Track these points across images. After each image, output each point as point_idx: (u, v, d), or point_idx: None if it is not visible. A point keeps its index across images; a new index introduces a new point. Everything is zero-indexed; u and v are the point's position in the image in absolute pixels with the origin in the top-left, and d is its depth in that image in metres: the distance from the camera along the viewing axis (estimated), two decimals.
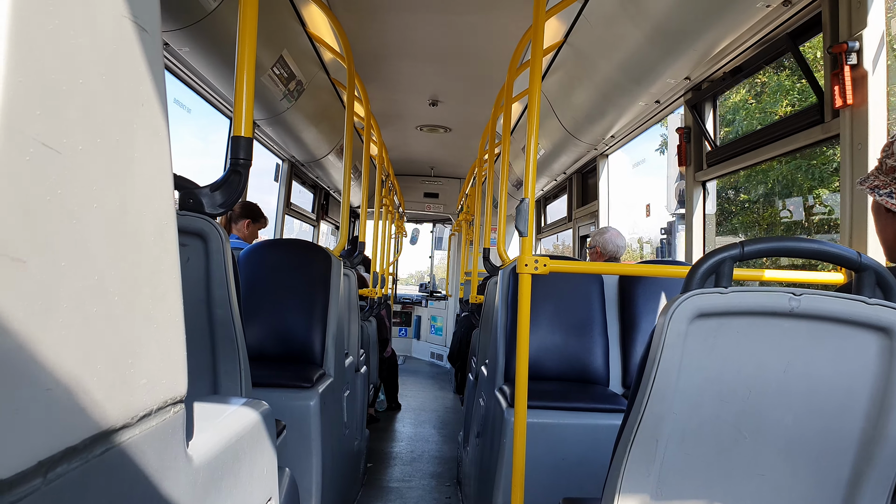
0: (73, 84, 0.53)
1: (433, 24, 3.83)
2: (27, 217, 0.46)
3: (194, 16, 2.55)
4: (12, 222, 0.45)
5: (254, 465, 1.04)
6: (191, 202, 1.52)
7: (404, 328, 10.82)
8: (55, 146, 0.50)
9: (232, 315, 1.48)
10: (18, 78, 0.46)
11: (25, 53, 0.47)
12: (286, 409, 2.30)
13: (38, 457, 0.47)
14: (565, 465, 2.27)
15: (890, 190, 1.42)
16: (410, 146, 7.43)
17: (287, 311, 2.71)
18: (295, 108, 4.14)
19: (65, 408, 0.50)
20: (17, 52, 0.45)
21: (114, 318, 0.58)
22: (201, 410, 0.96)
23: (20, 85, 0.46)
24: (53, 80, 0.50)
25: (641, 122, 4.11)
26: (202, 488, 0.80)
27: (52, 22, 0.50)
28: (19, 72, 0.46)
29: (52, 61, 0.50)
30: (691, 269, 1.16)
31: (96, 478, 0.55)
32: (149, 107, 0.66)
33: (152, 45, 0.67)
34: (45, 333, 0.48)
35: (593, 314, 2.76)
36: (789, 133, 2.55)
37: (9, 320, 0.44)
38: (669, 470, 1.15)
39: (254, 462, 1.04)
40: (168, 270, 0.71)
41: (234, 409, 1.05)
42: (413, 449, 5.00)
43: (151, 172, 0.67)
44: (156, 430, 0.66)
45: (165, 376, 0.69)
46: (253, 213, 3.78)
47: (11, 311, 0.44)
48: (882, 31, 2.04)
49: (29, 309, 0.46)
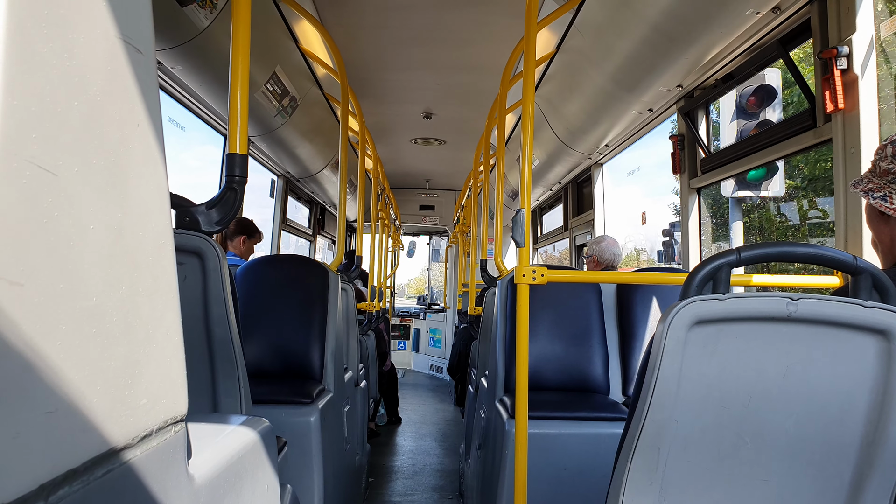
0: (69, 106, 0.53)
1: (425, 36, 3.85)
2: (24, 240, 0.46)
3: (187, 34, 2.56)
4: (9, 245, 0.45)
5: (256, 482, 1.03)
6: (187, 220, 1.52)
7: (403, 341, 10.79)
8: (51, 168, 0.50)
9: (230, 333, 1.48)
10: (13, 101, 0.46)
11: (20, 76, 0.47)
12: (286, 425, 2.29)
13: (39, 480, 0.46)
14: (567, 476, 2.26)
15: (884, 193, 1.42)
16: (405, 159, 7.45)
17: (285, 327, 2.70)
18: (289, 124, 4.15)
19: (65, 430, 0.50)
20: (11, 75, 0.46)
21: (113, 338, 0.58)
22: (202, 429, 0.96)
23: (15, 108, 0.46)
24: (49, 103, 0.51)
25: (635, 130, 4.13)
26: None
27: (46, 45, 0.50)
28: (14, 94, 0.46)
29: (47, 84, 0.50)
30: (689, 276, 1.16)
31: (98, 500, 0.55)
32: (144, 127, 0.67)
33: (146, 66, 0.67)
34: (45, 356, 0.48)
35: (592, 323, 2.76)
36: (782, 139, 2.57)
37: (8, 344, 0.44)
38: (672, 477, 1.14)
39: (256, 480, 1.03)
40: (166, 289, 0.71)
41: (235, 428, 1.05)
42: (414, 462, 4.98)
43: (148, 192, 0.67)
44: (157, 450, 0.66)
45: (166, 396, 0.68)
46: (248, 228, 3.78)
47: (10, 335, 0.44)
48: (871, 35, 2.06)
49: (27, 332, 0.46)
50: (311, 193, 6.53)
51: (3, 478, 0.43)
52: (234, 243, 3.72)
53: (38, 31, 0.49)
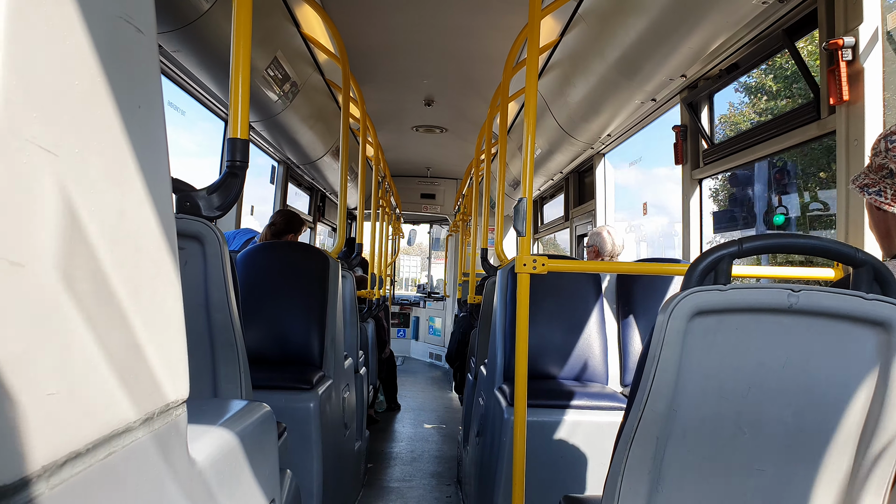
0: (70, 86, 0.53)
1: (428, 23, 3.82)
2: (25, 220, 0.46)
3: (186, 17, 2.54)
4: (10, 226, 0.44)
5: (256, 467, 1.03)
6: (188, 205, 1.52)
7: (402, 329, 10.81)
8: (52, 149, 0.50)
9: (231, 318, 1.48)
10: (14, 80, 0.45)
11: (21, 56, 0.46)
12: (286, 410, 2.29)
13: (41, 462, 0.47)
14: (565, 464, 2.27)
15: (879, 188, 1.43)
16: (406, 147, 7.42)
17: (286, 314, 2.70)
18: (290, 110, 4.13)
19: (68, 412, 0.50)
20: (12, 55, 0.45)
21: (114, 321, 0.58)
22: (203, 413, 0.96)
23: (16, 87, 0.46)
24: (49, 83, 0.50)
25: (638, 120, 4.12)
26: (205, 491, 0.80)
27: (47, 24, 0.50)
28: (15, 74, 0.46)
29: (47, 64, 0.50)
30: (690, 266, 1.16)
31: (100, 482, 0.55)
32: (146, 109, 0.66)
33: (148, 46, 0.67)
34: (47, 338, 0.48)
35: (591, 313, 2.77)
36: (786, 130, 2.55)
37: (9, 325, 0.44)
38: (670, 466, 1.15)
39: (256, 464, 1.04)
40: (167, 274, 0.71)
41: (235, 412, 1.05)
42: (413, 449, 5.00)
43: (149, 175, 0.67)
44: (158, 433, 0.66)
45: (167, 379, 0.68)
46: (295, 223, 3.65)
47: (11, 316, 0.44)
48: (877, 25, 2.04)
49: (29, 314, 0.46)
50: (312, 180, 6.51)
51: (6, 459, 0.43)
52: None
53: (37, 10, 0.49)
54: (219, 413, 1.03)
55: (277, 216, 3.69)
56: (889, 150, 1.41)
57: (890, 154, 1.40)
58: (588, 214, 5.57)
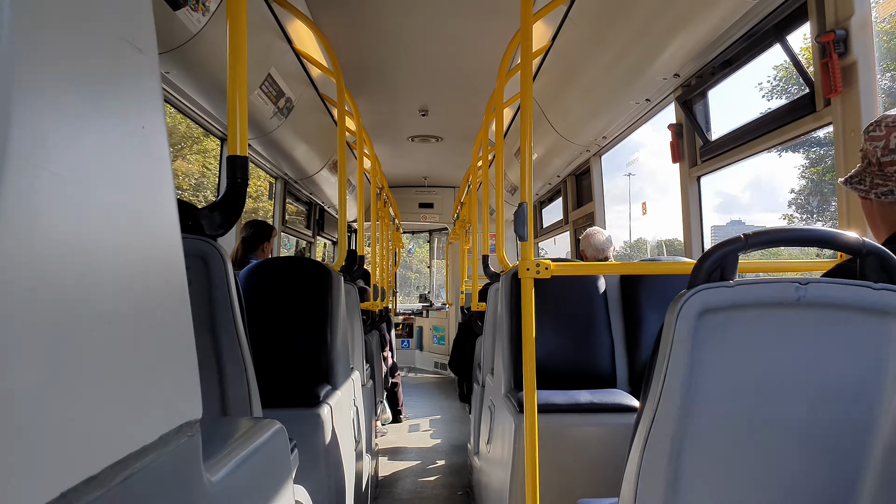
0: (73, 109, 0.53)
1: (419, 33, 3.84)
2: (34, 247, 0.46)
3: (180, 38, 2.55)
4: (18, 252, 0.44)
5: (271, 483, 1.03)
6: (190, 224, 1.52)
7: (406, 340, 10.79)
8: (57, 171, 0.49)
9: (238, 336, 1.47)
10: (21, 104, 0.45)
11: (27, 79, 0.46)
12: (296, 426, 2.28)
13: (60, 488, 0.46)
14: (579, 468, 2.25)
15: (860, 177, 1.44)
16: (403, 157, 7.44)
17: (290, 329, 2.70)
18: (285, 126, 4.14)
19: (84, 437, 0.50)
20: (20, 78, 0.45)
21: (127, 343, 0.58)
22: (216, 432, 0.95)
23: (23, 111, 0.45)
24: (55, 107, 0.50)
25: (633, 121, 4.12)
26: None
27: (52, 48, 0.50)
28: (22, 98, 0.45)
29: (54, 87, 0.50)
30: (696, 263, 1.15)
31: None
32: (149, 129, 0.66)
33: (149, 66, 0.67)
34: (60, 364, 0.48)
35: (596, 315, 2.76)
36: (782, 124, 2.56)
37: (23, 353, 0.43)
38: (686, 466, 1.14)
39: (270, 481, 1.03)
40: (176, 294, 0.70)
41: (248, 430, 1.05)
42: (422, 459, 4.98)
43: (155, 195, 0.66)
44: (173, 454, 0.66)
45: (180, 400, 0.68)
46: (265, 231, 3.63)
47: (25, 344, 0.44)
48: (868, 16, 2.05)
49: (42, 340, 0.46)
50: (310, 195, 6.52)
51: (27, 487, 0.42)
52: (257, 252, 3.58)
53: (42, 34, 0.49)
54: (231, 431, 1.02)
55: (247, 228, 3.65)
56: (868, 140, 1.42)
57: (870, 144, 1.41)
58: (587, 217, 5.57)
